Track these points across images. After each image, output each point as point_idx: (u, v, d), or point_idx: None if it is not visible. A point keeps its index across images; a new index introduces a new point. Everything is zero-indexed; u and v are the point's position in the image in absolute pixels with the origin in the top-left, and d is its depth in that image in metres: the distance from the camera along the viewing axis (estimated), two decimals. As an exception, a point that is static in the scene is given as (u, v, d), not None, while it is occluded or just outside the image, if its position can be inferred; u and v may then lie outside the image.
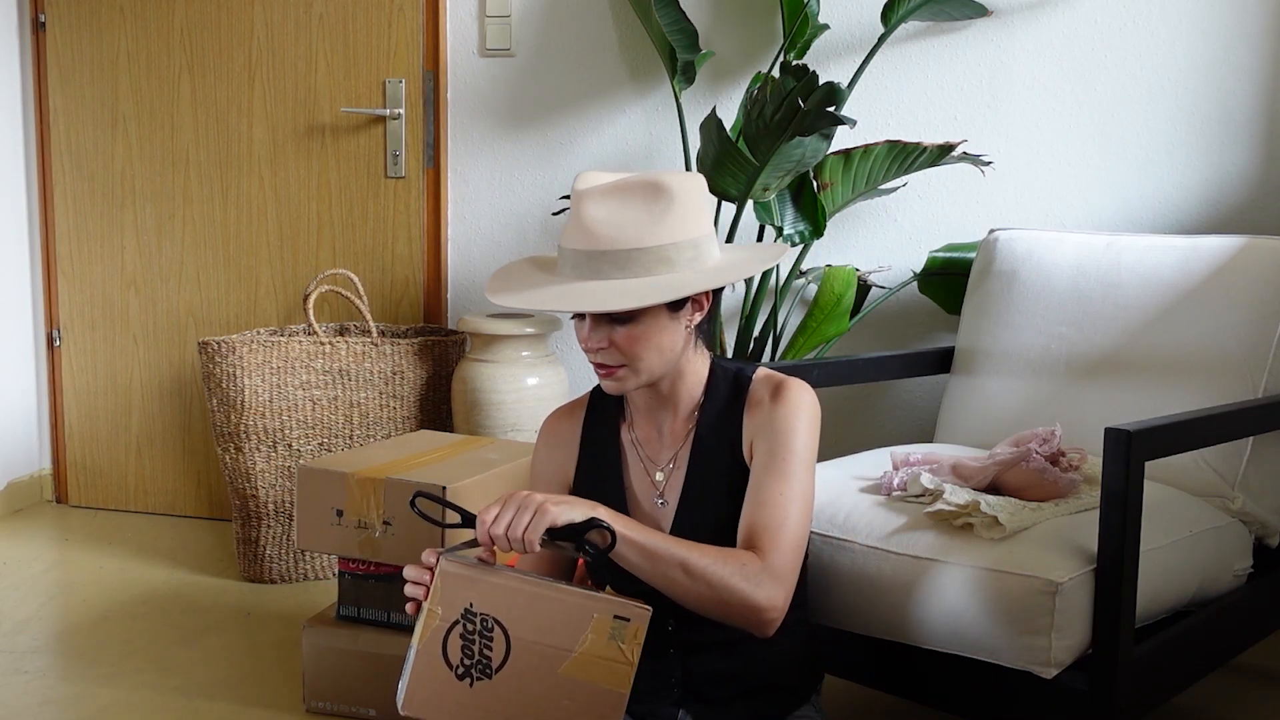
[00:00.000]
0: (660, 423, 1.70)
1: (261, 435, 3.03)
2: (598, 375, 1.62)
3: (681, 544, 1.51)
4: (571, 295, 1.55)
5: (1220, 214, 2.85)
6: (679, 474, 1.67)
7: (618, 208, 1.55)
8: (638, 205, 1.55)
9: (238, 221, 3.53)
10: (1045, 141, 2.96)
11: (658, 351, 1.59)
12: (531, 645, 1.43)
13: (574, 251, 1.56)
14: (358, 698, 2.32)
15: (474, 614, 1.43)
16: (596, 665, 1.42)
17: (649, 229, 1.54)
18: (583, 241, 1.55)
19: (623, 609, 1.43)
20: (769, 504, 1.58)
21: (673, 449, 1.69)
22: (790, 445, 1.60)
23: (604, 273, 1.54)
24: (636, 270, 1.54)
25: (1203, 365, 2.23)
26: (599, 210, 1.55)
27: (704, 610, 1.53)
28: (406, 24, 3.36)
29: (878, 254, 3.09)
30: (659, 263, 1.54)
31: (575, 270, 1.56)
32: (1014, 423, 2.36)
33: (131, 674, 2.53)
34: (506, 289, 1.62)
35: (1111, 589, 1.74)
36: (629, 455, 1.72)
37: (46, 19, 3.61)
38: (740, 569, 1.51)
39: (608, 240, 1.54)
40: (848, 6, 3.03)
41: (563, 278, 1.58)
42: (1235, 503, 2.14)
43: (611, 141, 3.28)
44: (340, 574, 2.36)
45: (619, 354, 1.58)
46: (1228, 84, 2.82)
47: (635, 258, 1.54)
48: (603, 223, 1.54)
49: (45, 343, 3.76)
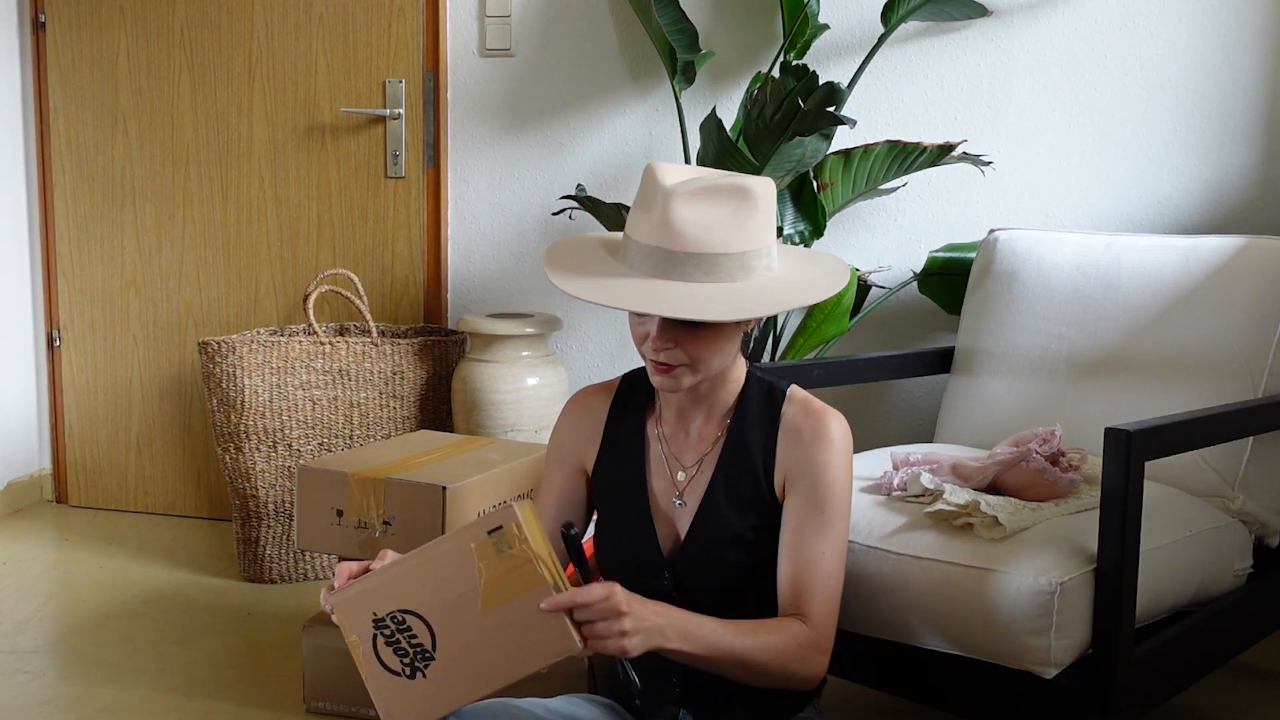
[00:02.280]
0: (690, 423, 1.68)
1: (261, 435, 3.03)
2: (653, 371, 1.59)
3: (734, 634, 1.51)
4: (660, 297, 1.50)
5: (1220, 214, 2.85)
6: (702, 479, 1.66)
7: (706, 209, 1.52)
8: (725, 208, 1.52)
9: (238, 221, 3.53)
10: (1045, 141, 2.96)
11: (719, 356, 1.58)
12: (443, 608, 1.40)
13: (653, 248, 1.52)
14: (358, 698, 2.32)
15: (381, 619, 1.42)
16: (506, 583, 1.38)
17: (734, 234, 1.52)
18: (666, 240, 1.51)
19: (490, 522, 1.39)
20: (814, 563, 1.58)
21: (700, 452, 1.67)
22: (832, 494, 1.60)
23: (686, 274, 1.51)
24: (720, 275, 1.51)
25: (1203, 365, 2.23)
26: (687, 210, 1.51)
27: (760, 685, 1.57)
28: (406, 24, 3.36)
29: (878, 254, 3.09)
30: (739, 269, 1.52)
31: (652, 267, 1.53)
32: (1014, 423, 2.36)
33: (131, 674, 2.53)
34: (574, 273, 1.57)
35: (1111, 589, 1.74)
36: (653, 450, 1.70)
37: (46, 19, 3.61)
38: (795, 649, 1.54)
39: (694, 242, 1.50)
40: (848, 6, 3.03)
41: (635, 272, 1.54)
42: (1235, 503, 2.14)
43: (611, 141, 3.28)
44: (340, 574, 2.36)
45: (683, 355, 1.56)
46: (1228, 84, 2.82)
47: (721, 263, 1.51)
48: (691, 223, 1.51)
49: (45, 343, 3.76)
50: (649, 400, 1.73)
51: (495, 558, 1.38)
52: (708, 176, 1.55)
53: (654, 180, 1.55)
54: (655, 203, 1.54)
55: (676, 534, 1.67)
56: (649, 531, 1.67)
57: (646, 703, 1.67)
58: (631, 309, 1.51)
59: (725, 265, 1.51)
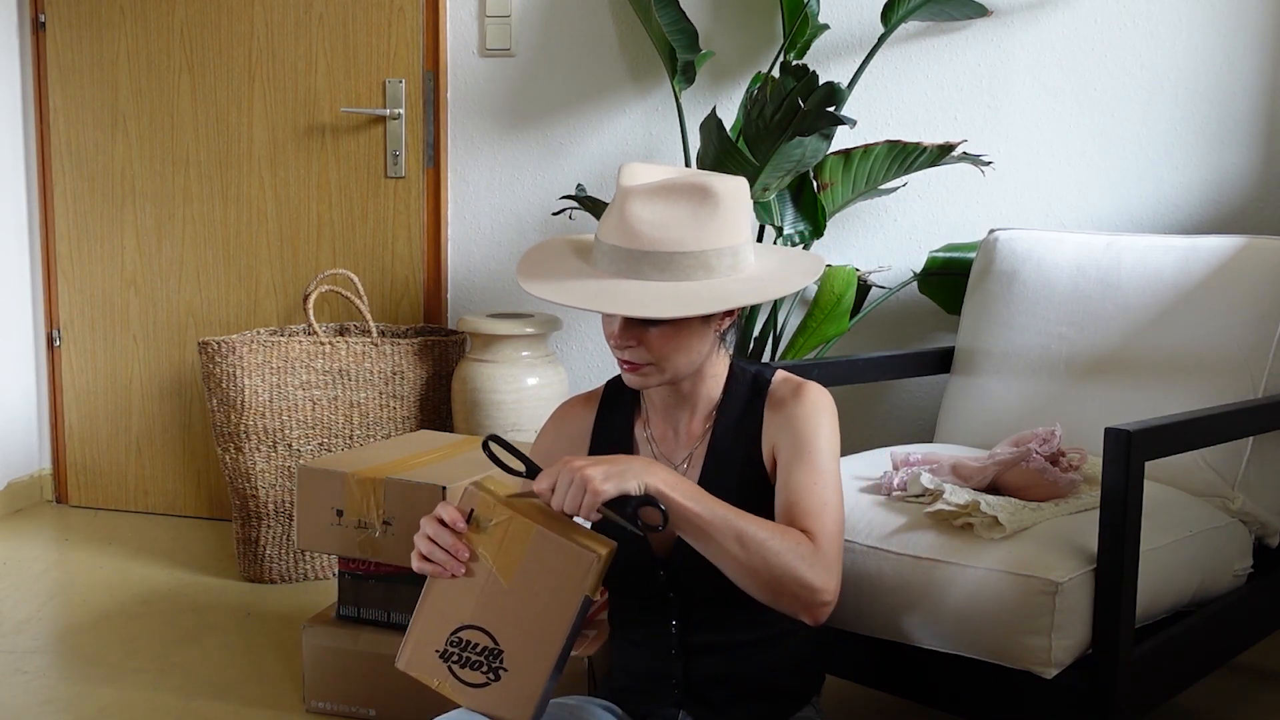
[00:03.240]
0: (677, 422, 1.69)
1: (261, 435, 3.03)
2: (621, 369, 1.61)
3: (738, 514, 1.48)
4: (610, 295, 1.52)
5: (1220, 214, 2.85)
6: (693, 473, 1.66)
7: (664, 208, 1.53)
8: (683, 207, 1.53)
9: (238, 221, 3.53)
10: (1045, 141, 2.96)
11: (685, 354, 1.59)
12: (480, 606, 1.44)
13: (613, 247, 1.54)
14: (358, 698, 2.32)
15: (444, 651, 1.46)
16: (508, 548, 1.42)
17: (692, 233, 1.52)
18: (624, 239, 1.53)
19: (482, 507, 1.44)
20: (805, 491, 1.56)
21: (688, 448, 1.68)
22: (815, 442, 1.60)
23: (643, 273, 1.53)
24: (676, 274, 1.52)
25: (1203, 365, 2.23)
26: (644, 209, 1.53)
27: (755, 588, 1.49)
28: (406, 24, 3.36)
29: (878, 254, 3.09)
30: (699, 268, 1.53)
31: (613, 266, 1.54)
32: (1014, 423, 2.36)
33: (131, 674, 2.53)
34: (540, 275, 1.59)
35: (1111, 589, 1.74)
36: (642, 452, 1.70)
37: (46, 19, 3.61)
38: (795, 546, 1.48)
39: (650, 241, 1.52)
40: (848, 6, 3.03)
41: (599, 272, 1.56)
42: (1235, 503, 2.14)
43: (611, 141, 3.28)
44: (340, 574, 2.36)
45: (647, 353, 1.57)
46: (1228, 84, 2.82)
47: (676, 261, 1.52)
48: (647, 222, 1.52)
49: (45, 343, 3.76)
50: (635, 403, 1.73)
51: (486, 536, 1.43)
52: (671, 177, 1.56)
53: (619, 180, 1.57)
54: (616, 202, 1.56)
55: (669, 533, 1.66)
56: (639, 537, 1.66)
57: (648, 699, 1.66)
58: (579, 306, 1.53)
59: (682, 264, 1.52)
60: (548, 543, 1.41)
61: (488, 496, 1.44)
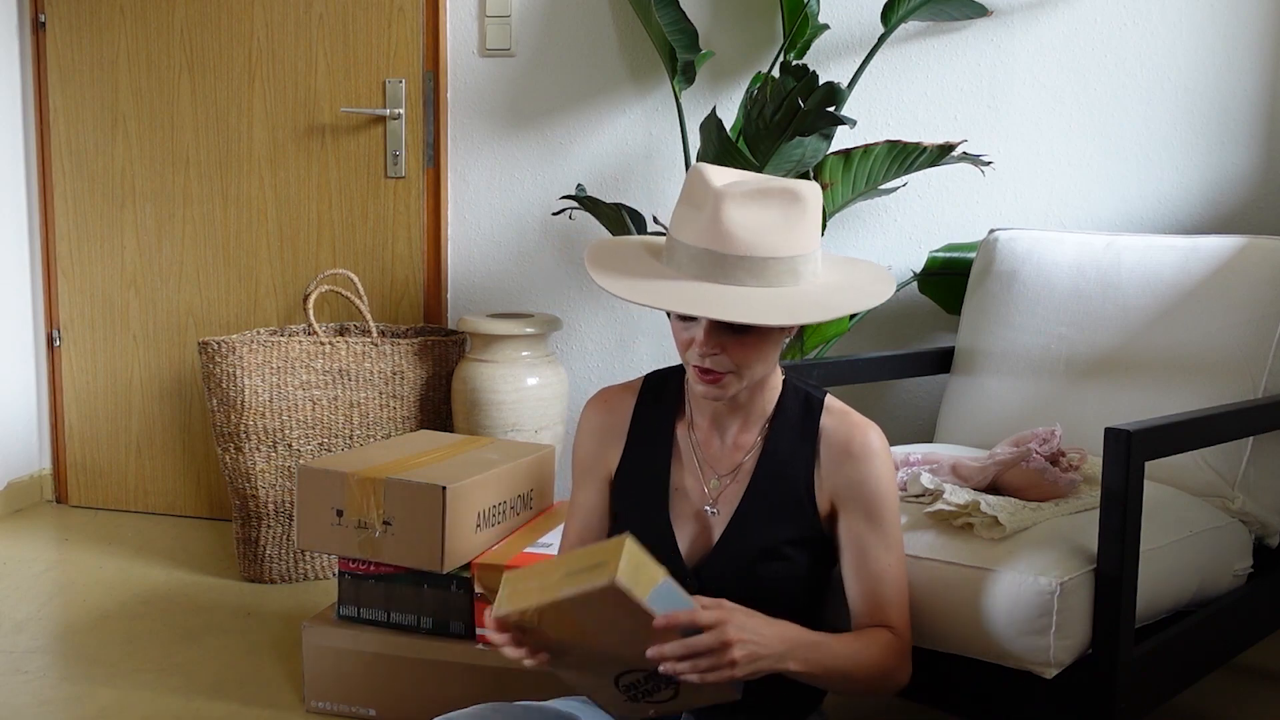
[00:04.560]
0: (725, 430, 1.66)
1: (261, 435, 3.03)
2: (697, 380, 1.56)
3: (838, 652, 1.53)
4: (708, 300, 1.48)
5: (1220, 214, 2.85)
6: (737, 487, 1.64)
7: (758, 211, 1.49)
8: (777, 212, 1.50)
9: (238, 221, 3.53)
10: (1045, 141, 2.96)
11: (764, 363, 1.57)
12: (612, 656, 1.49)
13: (701, 250, 1.50)
14: (358, 698, 2.32)
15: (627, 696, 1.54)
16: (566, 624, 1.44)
17: (785, 238, 1.50)
18: (715, 242, 1.49)
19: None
20: (885, 576, 1.61)
21: (735, 460, 1.65)
22: (885, 508, 1.62)
23: (734, 278, 1.49)
24: (768, 279, 1.49)
25: (1203, 365, 2.23)
26: (739, 213, 1.49)
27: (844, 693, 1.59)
28: (406, 24, 3.36)
29: (878, 254, 3.09)
30: (788, 274, 1.50)
31: (698, 269, 1.50)
32: (1014, 423, 2.36)
33: (131, 674, 2.53)
34: (619, 273, 1.55)
35: (1111, 589, 1.74)
36: (684, 454, 1.68)
37: (46, 19, 3.61)
38: (891, 660, 1.58)
39: (745, 245, 1.48)
40: (848, 6, 3.03)
41: (681, 274, 1.52)
42: (1235, 503, 2.14)
43: (611, 141, 3.28)
44: (340, 574, 2.36)
45: (729, 362, 1.54)
46: (1228, 84, 2.82)
47: (770, 266, 1.49)
48: (741, 225, 1.48)
49: (45, 343, 3.76)
50: (678, 402, 1.70)
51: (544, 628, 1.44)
52: (758, 179, 1.54)
53: (703, 181, 1.53)
54: (705, 204, 1.51)
55: (707, 540, 1.65)
56: (667, 534, 1.65)
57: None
58: (682, 310, 1.48)
59: (774, 270, 1.50)
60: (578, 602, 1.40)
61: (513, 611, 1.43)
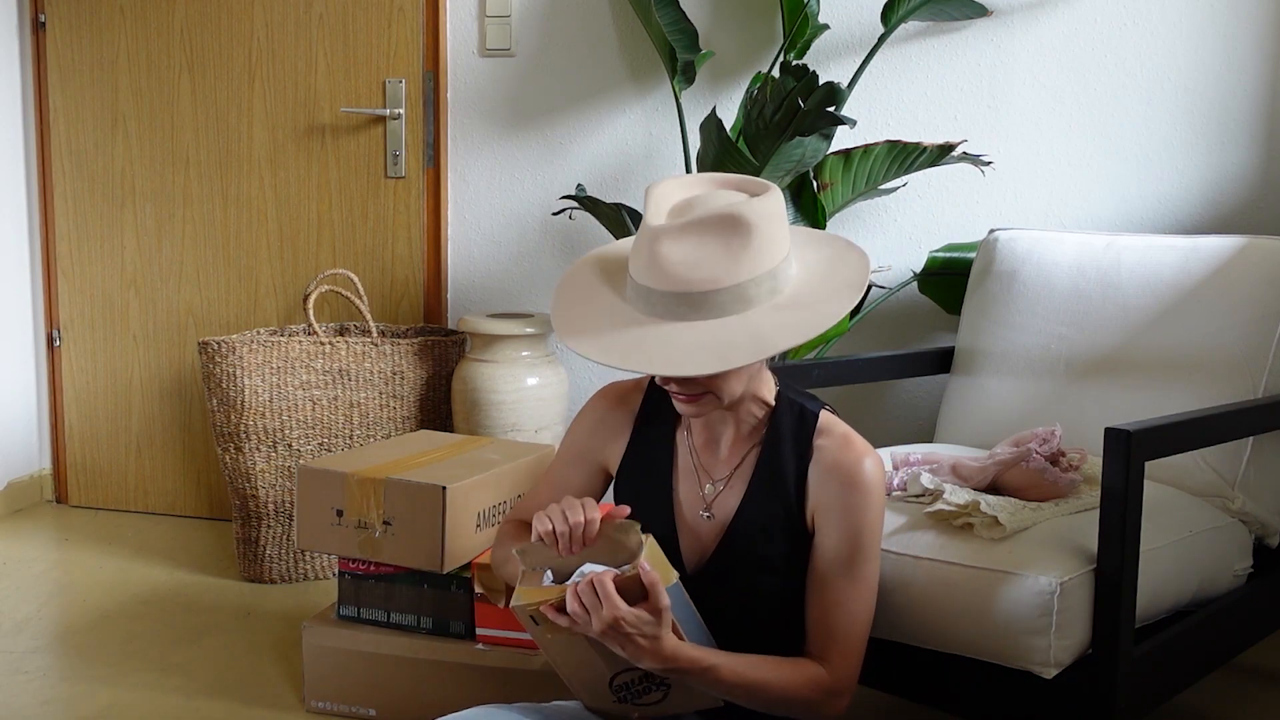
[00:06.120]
0: (718, 435, 1.66)
1: (261, 435, 3.03)
2: (676, 401, 1.56)
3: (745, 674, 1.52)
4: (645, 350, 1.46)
5: (1220, 214, 2.85)
6: (731, 495, 1.64)
7: (694, 246, 1.46)
8: (714, 243, 1.46)
9: (238, 221, 3.53)
10: (1045, 141, 2.96)
11: (738, 380, 1.56)
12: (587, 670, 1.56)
13: (645, 288, 1.49)
14: (358, 698, 2.32)
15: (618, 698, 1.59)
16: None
17: (726, 268, 1.46)
18: (655, 280, 1.47)
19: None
20: (837, 608, 1.59)
21: (730, 465, 1.65)
22: (863, 545, 1.59)
23: (677, 313, 1.47)
24: (713, 311, 1.46)
25: (1203, 365, 2.23)
26: (673, 249, 1.46)
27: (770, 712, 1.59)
28: (406, 24, 3.36)
29: (878, 254, 3.09)
30: (735, 301, 1.47)
31: (648, 307, 1.49)
32: (1014, 423, 2.36)
33: (131, 674, 2.53)
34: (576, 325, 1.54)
35: (1111, 589, 1.74)
36: (681, 460, 1.68)
37: (46, 19, 3.61)
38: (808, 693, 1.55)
39: (682, 282, 1.46)
40: (848, 6, 3.03)
41: (634, 310, 1.51)
42: (1235, 503, 2.14)
43: (611, 141, 3.28)
44: (340, 574, 2.36)
45: (699, 385, 1.53)
46: (1228, 84, 2.82)
47: (711, 299, 1.46)
48: (677, 263, 1.46)
49: (45, 343, 3.76)
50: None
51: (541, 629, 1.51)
52: (699, 207, 1.50)
53: (645, 210, 1.52)
54: (644, 240, 1.50)
55: (702, 549, 1.65)
56: (672, 543, 1.65)
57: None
58: (617, 366, 1.48)
59: (717, 301, 1.46)
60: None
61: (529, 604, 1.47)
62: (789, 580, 1.62)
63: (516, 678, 2.19)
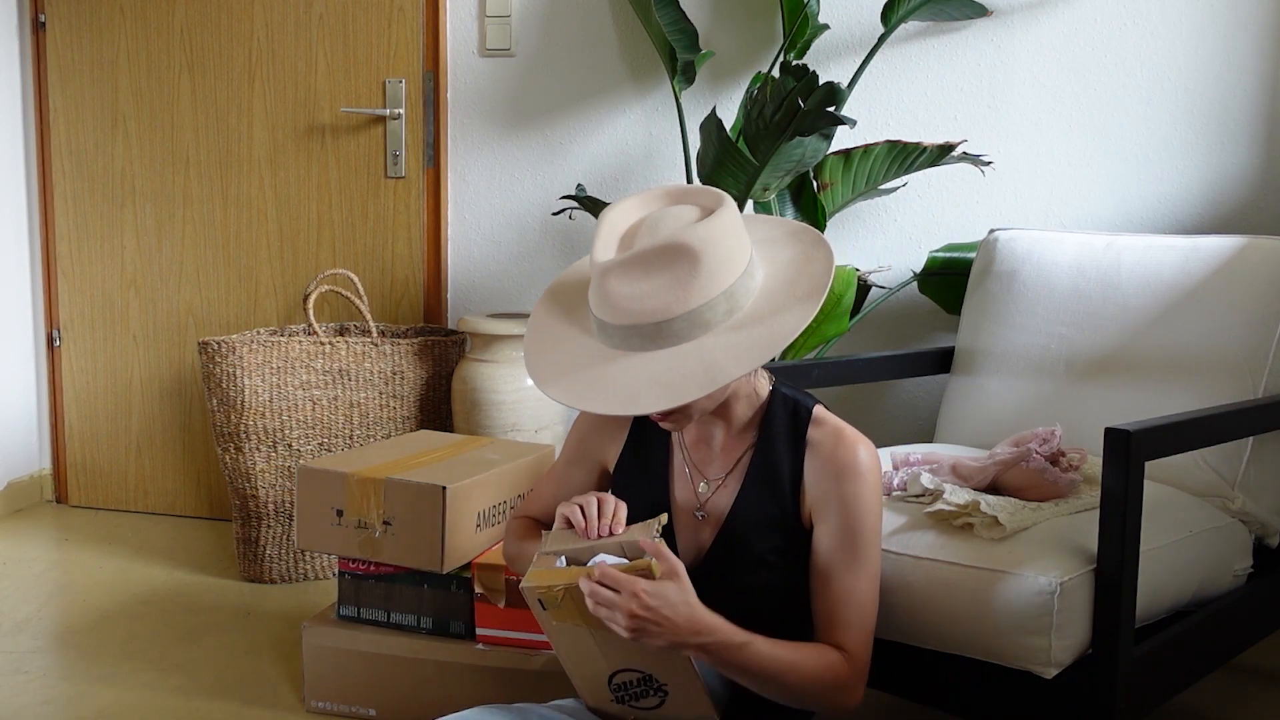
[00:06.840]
0: (711, 434, 1.66)
1: (261, 435, 3.03)
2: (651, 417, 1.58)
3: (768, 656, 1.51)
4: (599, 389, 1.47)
5: (1220, 214, 2.85)
6: (725, 494, 1.64)
7: (641, 279, 1.46)
8: (662, 276, 1.46)
9: (238, 221, 3.53)
10: (1045, 141, 2.96)
11: (710, 396, 1.55)
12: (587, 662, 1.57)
13: (600, 321, 1.51)
14: (358, 698, 2.32)
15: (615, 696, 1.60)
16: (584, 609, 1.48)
17: (675, 298, 1.46)
18: (610, 315, 1.49)
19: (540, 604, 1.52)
20: (846, 599, 1.58)
21: (724, 465, 1.65)
22: (862, 530, 1.59)
23: (636, 344, 1.48)
24: (667, 339, 1.46)
25: (1203, 365, 2.23)
26: (621, 285, 1.47)
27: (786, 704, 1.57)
28: (406, 24, 3.36)
29: (878, 254, 3.09)
30: (691, 327, 1.46)
31: (609, 339, 1.51)
32: (1014, 423, 2.36)
33: (131, 674, 2.53)
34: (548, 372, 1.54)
35: (1111, 589, 1.74)
36: (677, 460, 1.69)
37: (46, 19, 3.61)
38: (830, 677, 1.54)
39: (633, 315, 1.46)
40: (848, 6, 3.03)
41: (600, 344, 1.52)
42: (1235, 503, 2.14)
43: (611, 141, 3.28)
44: (340, 574, 2.36)
45: None
46: (1228, 84, 2.82)
47: (664, 329, 1.46)
48: (628, 297, 1.46)
49: (45, 343, 3.76)
50: None
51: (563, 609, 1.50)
52: (645, 235, 1.50)
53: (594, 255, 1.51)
54: (595, 274, 1.51)
55: (698, 547, 1.66)
56: (668, 541, 1.64)
57: None
58: (572, 405, 1.49)
59: (671, 329, 1.46)
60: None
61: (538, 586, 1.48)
62: (786, 576, 1.62)
63: (516, 678, 2.19)
